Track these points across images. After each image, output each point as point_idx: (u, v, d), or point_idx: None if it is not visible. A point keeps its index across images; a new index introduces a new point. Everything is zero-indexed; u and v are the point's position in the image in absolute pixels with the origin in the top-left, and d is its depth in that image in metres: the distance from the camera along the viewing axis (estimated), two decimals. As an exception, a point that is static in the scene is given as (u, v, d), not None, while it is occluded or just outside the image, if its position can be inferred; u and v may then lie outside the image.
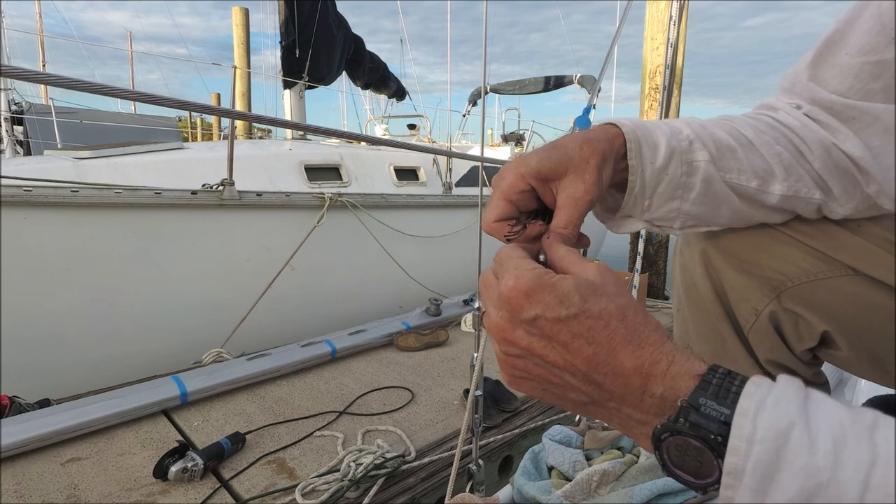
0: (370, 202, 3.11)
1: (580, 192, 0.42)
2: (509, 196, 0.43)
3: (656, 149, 0.46)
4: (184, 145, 3.37)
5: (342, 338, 2.42)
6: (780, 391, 0.29)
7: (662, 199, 0.48)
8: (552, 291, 0.33)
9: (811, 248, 0.52)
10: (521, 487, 1.26)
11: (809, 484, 0.26)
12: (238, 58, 10.82)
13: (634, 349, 0.32)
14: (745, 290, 0.56)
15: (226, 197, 2.51)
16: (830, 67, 0.49)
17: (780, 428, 0.27)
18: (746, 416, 0.28)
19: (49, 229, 2.16)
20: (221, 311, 2.54)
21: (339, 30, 4.54)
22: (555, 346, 0.33)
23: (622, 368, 0.32)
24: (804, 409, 0.28)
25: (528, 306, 0.33)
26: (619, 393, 0.32)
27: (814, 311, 0.53)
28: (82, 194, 2.18)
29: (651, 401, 0.31)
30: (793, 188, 0.49)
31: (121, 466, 1.52)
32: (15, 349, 2.12)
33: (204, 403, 1.91)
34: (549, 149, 0.43)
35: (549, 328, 0.33)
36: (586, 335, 0.32)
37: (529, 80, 6.21)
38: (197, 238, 2.52)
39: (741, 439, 0.28)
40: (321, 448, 1.64)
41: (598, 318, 0.32)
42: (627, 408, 0.33)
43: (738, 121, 0.51)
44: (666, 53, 1.81)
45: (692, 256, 0.60)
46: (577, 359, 0.33)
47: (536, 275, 0.34)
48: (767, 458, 0.27)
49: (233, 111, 2.71)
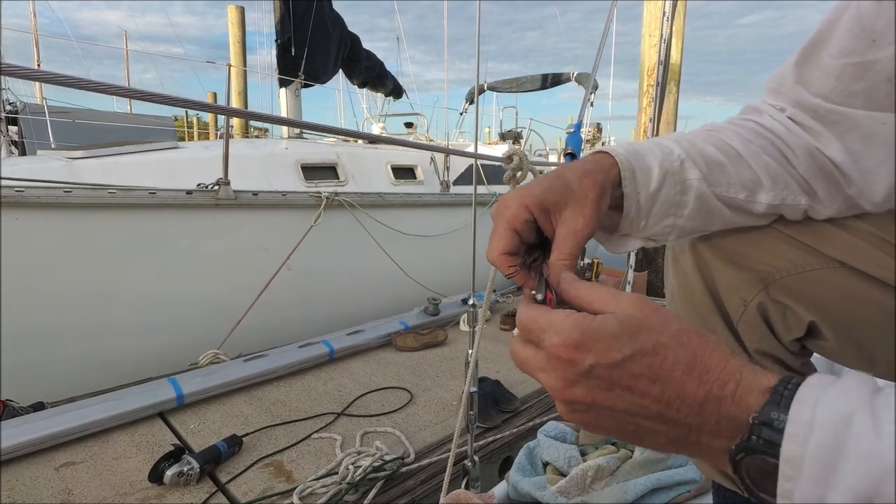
0: (367, 201, 3.09)
1: (580, 226, 0.43)
2: (514, 225, 0.43)
3: (650, 173, 0.48)
4: (178, 145, 3.34)
5: (340, 338, 2.40)
6: (845, 382, 0.28)
7: (657, 218, 0.50)
8: (599, 336, 0.31)
9: (799, 241, 0.54)
10: (517, 483, 1.25)
11: (876, 468, 0.25)
12: (234, 56, 10.77)
13: (700, 375, 0.30)
14: (734, 281, 0.57)
15: (221, 196, 2.49)
16: (814, 69, 0.49)
17: (841, 413, 0.26)
18: (805, 404, 0.27)
19: (42, 230, 2.13)
20: (218, 312, 2.52)
21: (335, 28, 4.51)
22: (619, 394, 0.32)
23: (693, 399, 0.30)
24: (867, 398, 0.27)
25: (580, 358, 0.32)
26: (696, 424, 0.31)
27: (801, 303, 0.54)
28: (76, 195, 2.15)
29: (727, 424, 0.30)
30: (779, 196, 0.51)
31: (116, 470, 1.50)
32: (9, 352, 2.09)
33: (200, 405, 1.89)
34: (552, 179, 0.44)
35: (609, 375, 0.31)
36: (648, 374, 0.31)
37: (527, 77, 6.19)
38: (192, 238, 2.50)
39: (800, 425, 0.26)
40: (319, 450, 1.62)
41: (655, 354, 0.31)
42: (706, 437, 0.31)
43: (725, 131, 0.52)
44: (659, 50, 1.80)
45: (683, 249, 0.62)
46: (645, 400, 0.31)
47: (577, 323, 0.32)
48: (828, 444, 0.26)
49: (228, 108, 2.68)
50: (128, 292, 2.38)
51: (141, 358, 2.39)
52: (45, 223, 2.13)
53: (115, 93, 1.48)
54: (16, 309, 2.11)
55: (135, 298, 2.40)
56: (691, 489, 1.21)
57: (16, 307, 2.11)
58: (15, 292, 2.10)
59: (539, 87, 6.15)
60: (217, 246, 2.60)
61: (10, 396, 1.79)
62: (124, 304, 2.38)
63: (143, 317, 2.44)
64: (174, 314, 2.52)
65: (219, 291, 2.63)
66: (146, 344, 2.45)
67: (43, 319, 2.21)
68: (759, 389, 0.29)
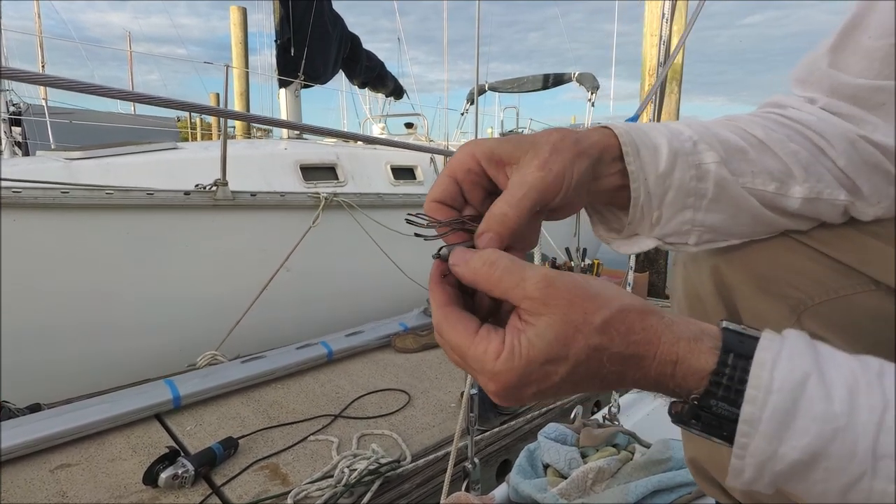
0: (366, 202, 3.08)
1: (530, 177, 0.36)
2: (455, 174, 0.38)
3: (656, 151, 0.41)
4: (178, 145, 3.34)
5: (338, 339, 2.39)
6: (793, 344, 0.30)
7: (673, 210, 0.43)
8: (532, 370, 0.31)
9: (833, 259, 0.47)
10: (517, 485, 1.24)
11: (827, 429, 0.27)
12: (236, 57, 10.78)
13: (637, 363, 0.31)
14: (762, 311, 0.49)
15: (219, 197, 2.49)
16: (851, 53, 0.44)
17: (796, 378, 0.28)
18: (764, 367, 0.29)
19: (39, 231, 2.13)
20: (216, 314, 2.51)
21: (335, 28, 4.51)
22: (566, 389, 0.33)
23: (632, 379, 0.32)
24: (817, 361, 0.29)
25: (521, 394, 0.32)
26: (646, 387, 0.33)
27: (837, 333, 0.47)
28: (73, 195, 2.15)
29: (676, 392, 0.32)
30: (815, 189, 0.43)
31: (111, 473, 1.49)
32: (6, 353, 2.09)
33: (197, 407, 1.88)
34: (517, 136, 0.39)
35: (553, 392, 0.32)
36: (587, 375, 0.31)
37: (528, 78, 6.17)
38: (190, 239, 2.49)
39: (759, 389, 0.28)
40: (315, 453, 1.61)
41: (589, 360, 0.31)
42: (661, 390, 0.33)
43: (743, 120, 0.46)
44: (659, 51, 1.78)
45: (700, 272, 0.54)
46: (591, 388, 0.33)
47: (506, 367, 0.31)
48: (784, 406, 0.28)
49: (227, 111, 2.67)
50: (125, 293, 2.37)
51: (139, 359, 2.39)
52: (42, 224, 2.13)
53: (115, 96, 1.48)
54: (13, 310, 2.11)
55: (133, 299, 2.40)
56: (692, 491, 1.20)
57: (13, 308, 2.11)
58: (12, 293, 2.10)
59: (540, 87, 6.13)
60: (215, 247, 2.59)
61: (8, 397, 1.78)
62: (122, 304, 2.37)
63: (141, 318, 2.43)
64: (172, 315, 2.51)
65: (217, 292, 2.62)
66: (144, 345, 2.44)
67: (41, 320, 2.20)
68: (698, 375, 0.30)
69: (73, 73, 23.47)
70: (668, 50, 2.07)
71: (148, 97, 1.49)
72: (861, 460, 0.27)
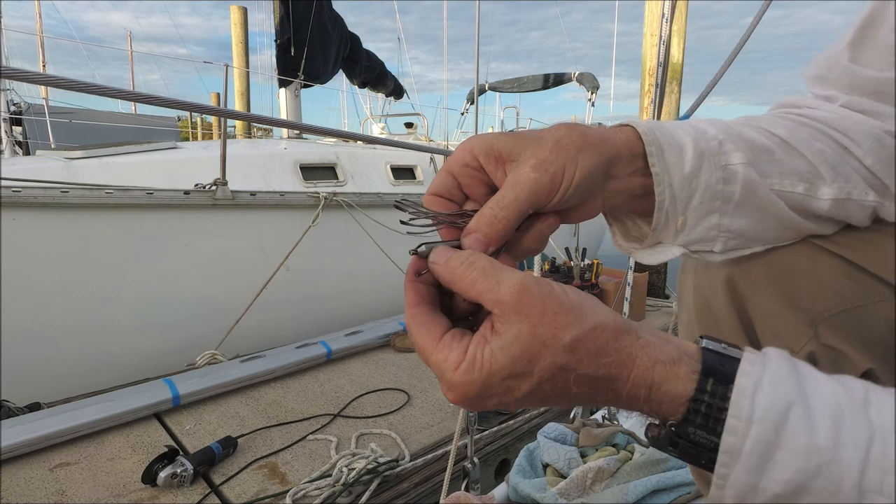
0: (366, 201, 3.08)
1: (523, 177, 0.33)
2: (452, 168, 0.37)
3: (681, 151, 0.38)
4: (177, 145, 3.34)
5: (338, 339, 2.40)
6: (775, 369, 0.28)
7: (699, 215, 0.40)
8: (493, 382, 0.29)
9: (855, 266, 0.45)
10: (517, 485, 1.24)
11: (811, 464, 0.26)
12: (237, 57, 10.78)
13: (607, 385, 0.30)
14: (778, 323, 0.47)
15: (219, 197, 2.49)
16: (872, 49, 0.43)
17: (778, 408, 0.27)
18: (745, 395, 0.27)
19: (39, 230, 2.13)
20: (216, 313, 2.52)
21: (335, 28, 4.51)
22: (530, 404, 0.31)
23: (606, 403, 0.31)
24: (801, 388, 0.28)
25: (482, 404, 0.31)
26: (620, 405, 0.32)
27: (856, 346, 0.45)
28: (73, 195, 2.15)
29: (652, 415, 0.31)
30: (844, 190, 0.41)
31: (110, 472, 1.49)
32: (6, 352, 2.09)
33: (196, 406, 1.88)
34: (523, 131, 0.38)
35: (517, 404, 0.31)
36: (553, 393, 0.30)
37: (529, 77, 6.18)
38: (190, 239, 2.49)
39: (739, 418, 0.27)
40: (314, 452, 1.61)
41: (555, 378, 0.29)
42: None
43: (763, 120, 0.44)
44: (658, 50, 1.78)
45: (712, 282, 0.51)
46: (560, 403, 0.31)
47: (465, 379, 0.30)
48: (766, 438, 0.27)
49: (227, 110, 2.68)
50: (125, 292, 2.38)
51: (138, 358, 2.39)
52: (42, 223, 2.13)
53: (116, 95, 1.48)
54: (14, 309, 2.11)
55: (132, 299, 2.40)
56: (692, 490, 1.20)
57: (13, 307, 2.11)
58: (12, 292, 2.10)
59: (541, 87, 6.13)
60: (215, 246, 2.59)
61: (8, 396, 1.79)
62: (122, 304, 2.38)
63: (140, 317, 2.44)
64: (172, 314, 2.51)
65: (217, 292, 2.63)
66: (144, 344, 2.45)
67: (41, 319, 2.21)
68: (675, 400, 0.29)
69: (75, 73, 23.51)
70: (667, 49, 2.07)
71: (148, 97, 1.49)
72: (847, 495, 0.26)
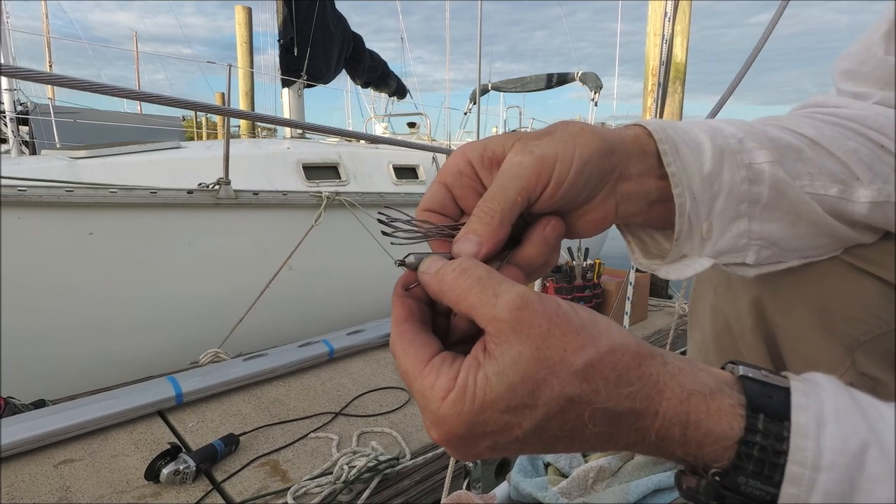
0: (368, 201, 3.09)
1: (507, 164, 0.29)
2: (445, 178, 0.34)
3: (699, 148, 0.34)
4: (181, 144, 3.37)
5: (340, 338, 2.40)
6: (835, 401, 0.23)
7: (725, 220, 0.36)
8: (488, 418, 0.24)
9: (890, 284, 0.41)
10: (518, 484, 1.25)
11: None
12: (241, 57, 10.82)
13: (631, 423, 0.24)
14: (812, 350, 0.42)
15: (222, 196, 2.50)
16: None
17: (851, 450, 0.22)
18: (806, 436, 0.22)
19: (44, 229, 2.15)
20: (219, 312, 2.53)
21: (338, 28, 4.53)
22: (532, 449, 0.26)
23: (628, 448, 0.25)
24: (869, 423, 0.23)
25: (471, 446, 0.26)
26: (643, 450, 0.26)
27: (888, 370, 0.42)
28: (77, 194, 2.17)
29: (678, 457, 0.25)
30: (884, 192, 0.37)
31: (113, 468, 1.51)
32: (11, 350, 2.11)
33: (199, 404, 1.90)
34: (521, 131, 0.36)
35: (515, 449, 0.26)
36: (561, 434, 0.25)
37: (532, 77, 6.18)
38: (193, 238, 2.51)
39: (803, 465, 0.22)
40: (315, 450, 1.62)
41: (564, 413, 0.24)
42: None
43: (787, 119, 0.40)
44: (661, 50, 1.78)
45: (735, 304, 0.47)
46: (566, 449, 0.26)
47: (453, 411, 0.24)
48: (839, 489, 0.22)
49: (230, 110, 2.69)
50: (129, 291, 2.40)
51: (142, 356, 2.41)
52: (47, 222, 2.15)
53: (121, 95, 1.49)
54: (19, 307, 2.13)
55: (136, 297, 2.42)
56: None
57: (18, 305, 2.13)
58: (17, 291, 2.12)
59: (544, 86, 6.13)
60: (218, 245, 2.61)
61: (13, 394, 1.80)
62: (126, 302, 2.39)
63: (144, 315, 2.46)
64: (175, 313, 2.53)
65: (220, 291, 2.64)
66: (148, 343, 2.47)
67: (45, 318, 2.23)
68: (719, 442, 0.24)
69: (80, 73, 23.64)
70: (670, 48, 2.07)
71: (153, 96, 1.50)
72: None
